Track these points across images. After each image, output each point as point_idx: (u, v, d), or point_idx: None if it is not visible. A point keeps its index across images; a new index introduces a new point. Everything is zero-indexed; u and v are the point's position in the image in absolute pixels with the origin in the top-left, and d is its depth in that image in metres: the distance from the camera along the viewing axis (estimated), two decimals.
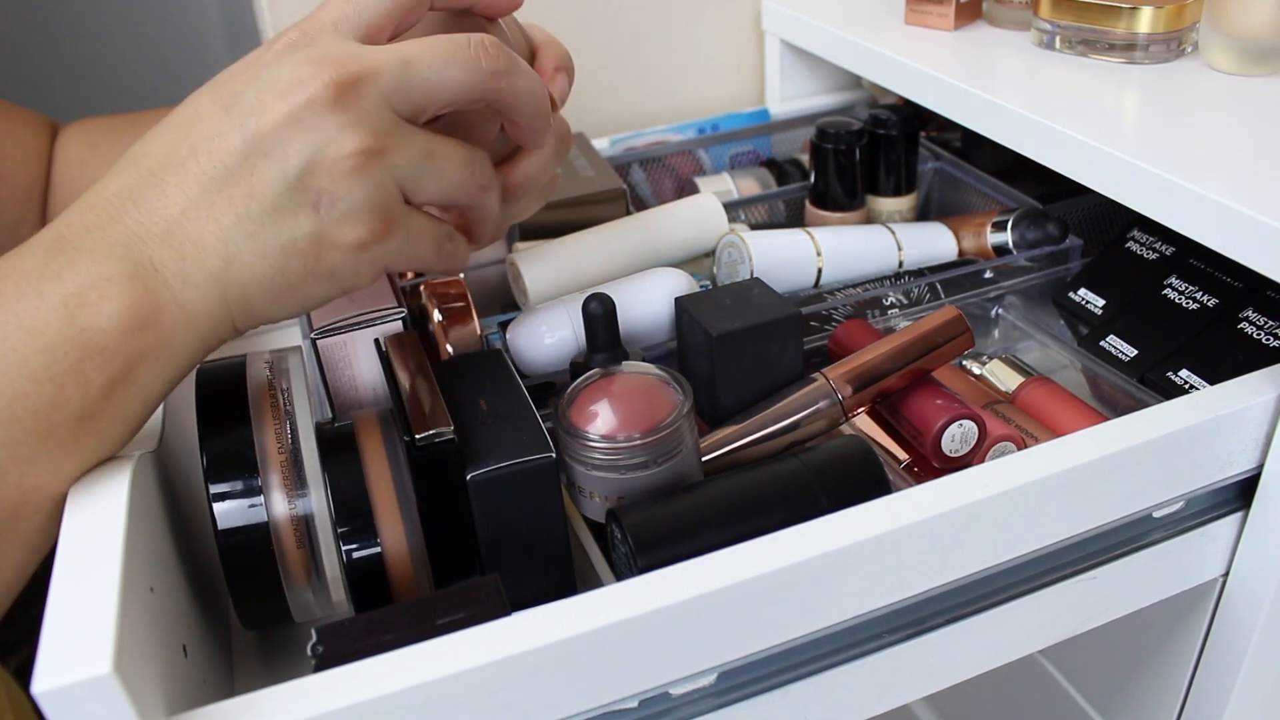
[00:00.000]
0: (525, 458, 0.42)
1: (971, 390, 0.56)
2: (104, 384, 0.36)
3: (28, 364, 0.35)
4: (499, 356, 0.49)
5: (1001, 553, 0.43)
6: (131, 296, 0.36)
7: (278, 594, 0.44)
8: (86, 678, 0.30)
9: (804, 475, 0.44)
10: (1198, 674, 0.55)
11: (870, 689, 0.43)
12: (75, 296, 0.36)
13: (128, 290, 0.36)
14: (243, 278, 0.38)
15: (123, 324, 0.36)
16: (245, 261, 0.38)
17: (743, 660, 0.40)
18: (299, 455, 0.43)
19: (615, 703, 0.38)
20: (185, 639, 0.40)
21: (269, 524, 0.42)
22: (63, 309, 0.36)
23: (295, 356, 0.48)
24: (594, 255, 0.60)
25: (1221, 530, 0.49)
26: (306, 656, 0.35)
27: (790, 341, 0.52)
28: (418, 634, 0.35)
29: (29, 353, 0.35)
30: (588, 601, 0.37)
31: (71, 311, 0.36)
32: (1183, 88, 0.59)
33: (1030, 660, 0.71)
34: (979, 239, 0.67)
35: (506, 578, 0.39)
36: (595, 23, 0.85)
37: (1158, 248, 0.63)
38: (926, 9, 0.72)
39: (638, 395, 0.46)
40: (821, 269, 0.64)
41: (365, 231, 0.38)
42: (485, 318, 0.60)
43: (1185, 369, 0.55)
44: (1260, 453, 0.47)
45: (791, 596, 0.39)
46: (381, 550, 0.41)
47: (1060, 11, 0.65)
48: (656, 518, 0.43)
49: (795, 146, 0.85)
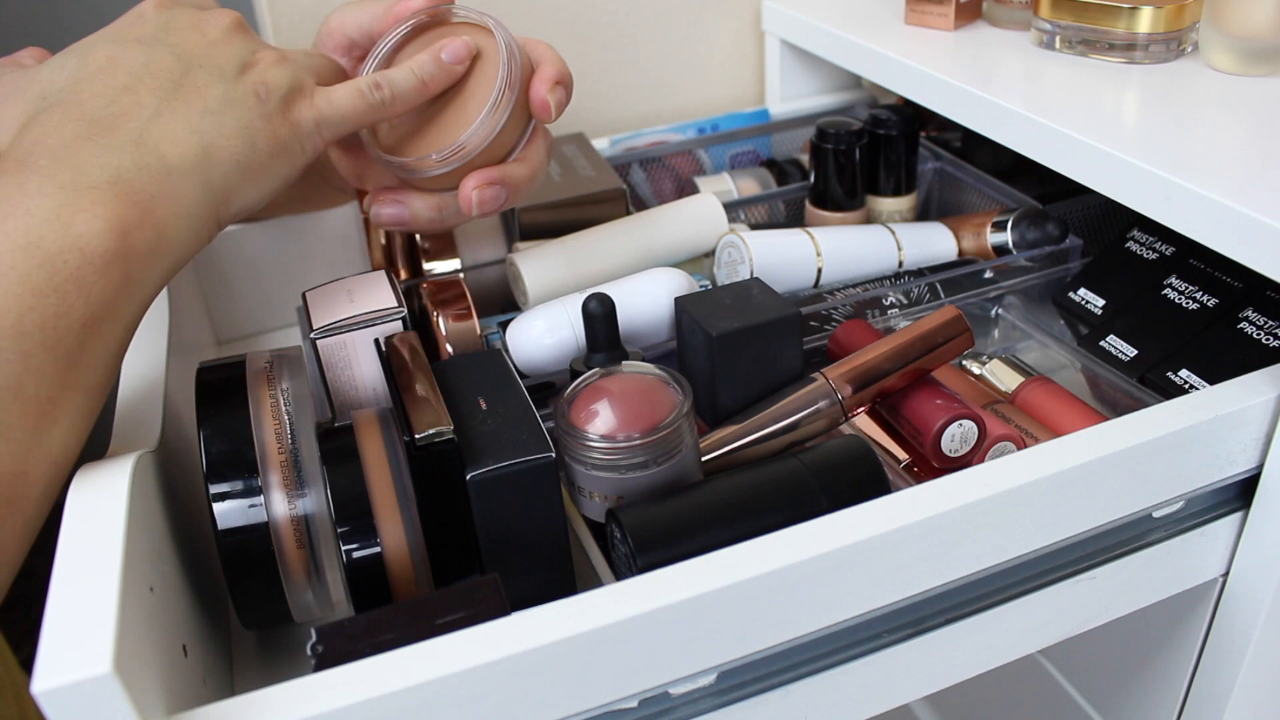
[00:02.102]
0: (525, 457, 0.42)
1: (971, 390, 0.56)
2: (105, 286, 0.38)
3: (29, 278, 0.36)
4: (499, 356, 0.49)
5: (1001, 553, 0.43)
6: (121, 199, 0.39)
7: (277, 594, 0.44)
8: (86, 677, 0.30)
9: (804, 475, 0.44)
10: (1198, 674, 0.55)
11: (870, 689, 0.43)
12: (66, 207, 0.37)
13: (116, 194, 0.39)
14: (221, 159, 0.42)
15: (120, 224, 0.38)
16: (220, 145, 0.42)
17: (742, 660, 0.40)
18: (299, 455, 0.43)
19: (615, 702, 0.38)
20: (185, 638, 0.40)
21: (269, 524, 0.42)
22: (55, 220, 0.37)
23: (295, 356, 0.48)
24: (594, 255, 0.60)
25: (1221, 530, 0.49)
26: (306, 656, 0.35)
27: (790, 341, 0.52)
28: (417, 633, 0.35)
29: (29, 267, 0.36)
30: (587, 601, 0.36)
31: (65, 222, 0.37)
32: (1183, 88, 0.59)
33: (1030, 660, 0.71)
34: (979, 239, 0.67)
35: (506, 577, 0.39)
36: (595, 23, 0.85)
37: (1158, 248, 0.63)
38: (926, 9, 0.72)
39: (637, 395, 0.46)
40: (821, 269, 0.64)
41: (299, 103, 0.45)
42: (485, 318, 0.60)
43: (1185, 369, 0.55)
44: (1260, 453, 0.47)
45: (791, 596, 0.39)
46: (381, 550, 0.41)
47: (1060, 11, 0.65)
48: (656, 517, 0.43)
49: (795, 146, 0.85)
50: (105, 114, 0.41)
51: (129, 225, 0.38)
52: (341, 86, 0.47)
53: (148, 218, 0.39)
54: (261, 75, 0.45)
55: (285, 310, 0.72)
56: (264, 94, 0.44)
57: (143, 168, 0.40)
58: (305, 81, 0.46)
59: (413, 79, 0.49)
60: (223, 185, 0.42)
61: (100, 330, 0.38)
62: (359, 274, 0.53)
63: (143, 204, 0.39)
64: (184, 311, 0.61)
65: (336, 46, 0.54)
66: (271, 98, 0.44)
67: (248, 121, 0.43)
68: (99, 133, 0.40)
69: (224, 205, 0.43)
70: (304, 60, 0.48)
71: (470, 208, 0.51)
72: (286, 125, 0.45)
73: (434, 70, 0.49)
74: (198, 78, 0.43)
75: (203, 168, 0.42)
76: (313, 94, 0.46)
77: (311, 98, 0.46)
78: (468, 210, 0.51)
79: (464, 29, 0.51)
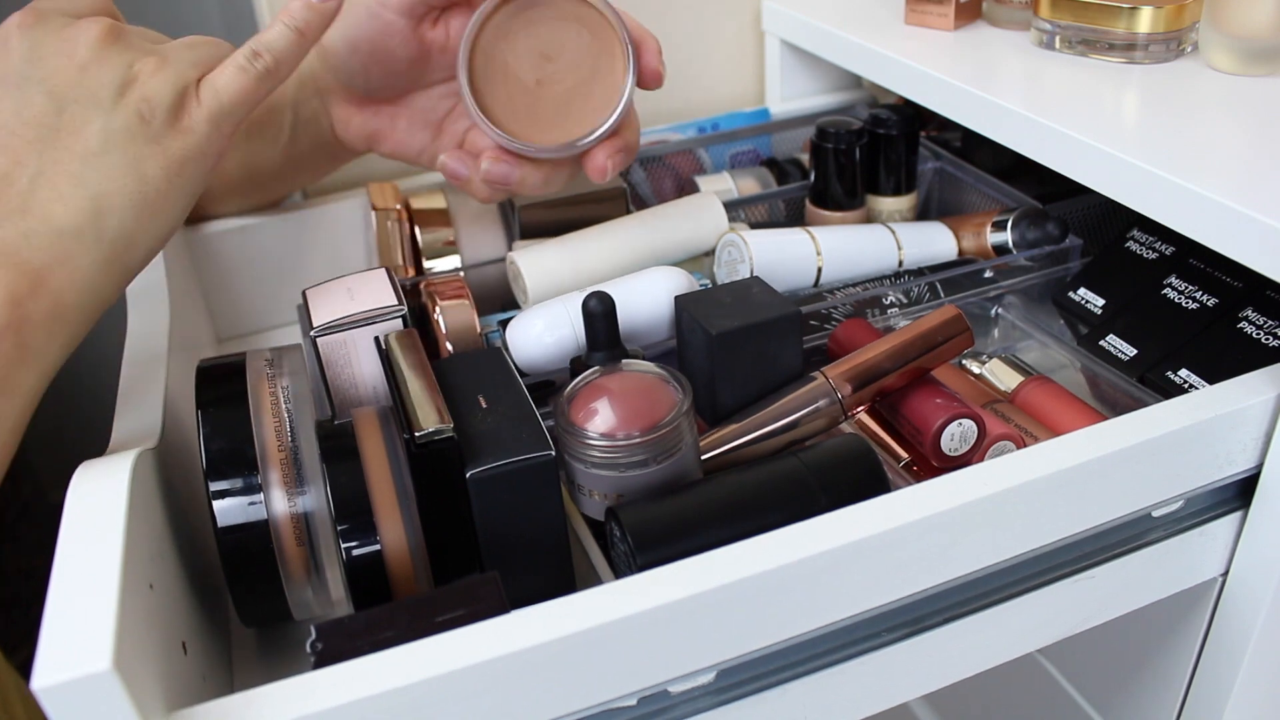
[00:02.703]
0: (525, 455, 0.42)
1: (971, 389, 0.56)
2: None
3: None
4: (499, 355, 0.49)
5: (1000, 552, 0.43)
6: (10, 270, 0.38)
7: (277, 591, 0.44)
8: (86, 674, 0.30)
9: (803, 474, 0.44)
10: (1197, 674, 0.55)
11: (869, 687, 0.43)
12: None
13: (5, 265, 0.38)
14: (115, 205, 0.41)
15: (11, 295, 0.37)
16: (110, 191, 0.41)
17: (741, 658, 0.40)
18: (299, 453, 0.43)
19: (614, 700, 0.38)
20: (185, 636, 0.40)
21: (269, 521, 0.42)
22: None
23: (295, 354, 0.48)
24: (594, 254, 0.60)
25: (1221, 530, 0.49)
26: (306, 654, 0.35)
27: (790, 340, 0.52)
28: (417, 631, 0.35)
29: None
30: (587, 599, 0.37)
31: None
32: (1183, 88, 0.59)
33: (1030, 660, 0.71)
34: (979, 238, 0.67)
35: (506, 575, 0.39)
36: None
37: (1157, 247, 0.63)
38: (926, 9, 0.72)
39: (637, 393, 0.46)
40: (821, 268, 0.64)
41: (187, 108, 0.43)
42: (485, 316, 0.60)
43: (1185, 369, 0.55)
44: (1259, 452, 0.47)
45: (790, 595, 0.39)
46: (381, 548, 0.41)
47: (1060, 11, 0.65)
48: (656, 516, 0.43)
49: (795, 146, 0.85)
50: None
51: (20, 296, 0.38)
52: (222, 70, 0.45)
53: (40, 287, 0.38)
54: (142, 92, 0.42)
55: (285, 308, 0.72)
56: (147, 113, 0.42)
57: (29, 235, 0.39)
58: (189, 81, 0.44)
59: (288, 34, 0.46)
60: (120, 233, 0.41)
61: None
62: (359, 271, 0.53)
63: (32, 273, 0.38)
64: (184, 310, 0.61)
65: (397, 4, 0.52)
66: (156, 115, 0.42)
67: (135, 153, 0.41)
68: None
69: (127, 252, 0.42)
70: (185, 55, 0.45)
71: (605, 175, 0.53)
72: (178, 137, 0.43)
73: (307, 15, 0.46)
74: (74, 116, 0.41)
75: (94, 223, 0.40)
76: (198, 92, 0.44)
77: (198, 97, 0.44)
78: (601, 178, 0.53)
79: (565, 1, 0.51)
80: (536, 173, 0.54)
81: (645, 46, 0.53)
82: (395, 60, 0.54)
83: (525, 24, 0.51)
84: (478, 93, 0.52)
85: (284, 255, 0.71)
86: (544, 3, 0.51)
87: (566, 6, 0.51)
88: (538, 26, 0.51)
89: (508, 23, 0.51)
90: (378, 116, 0.56)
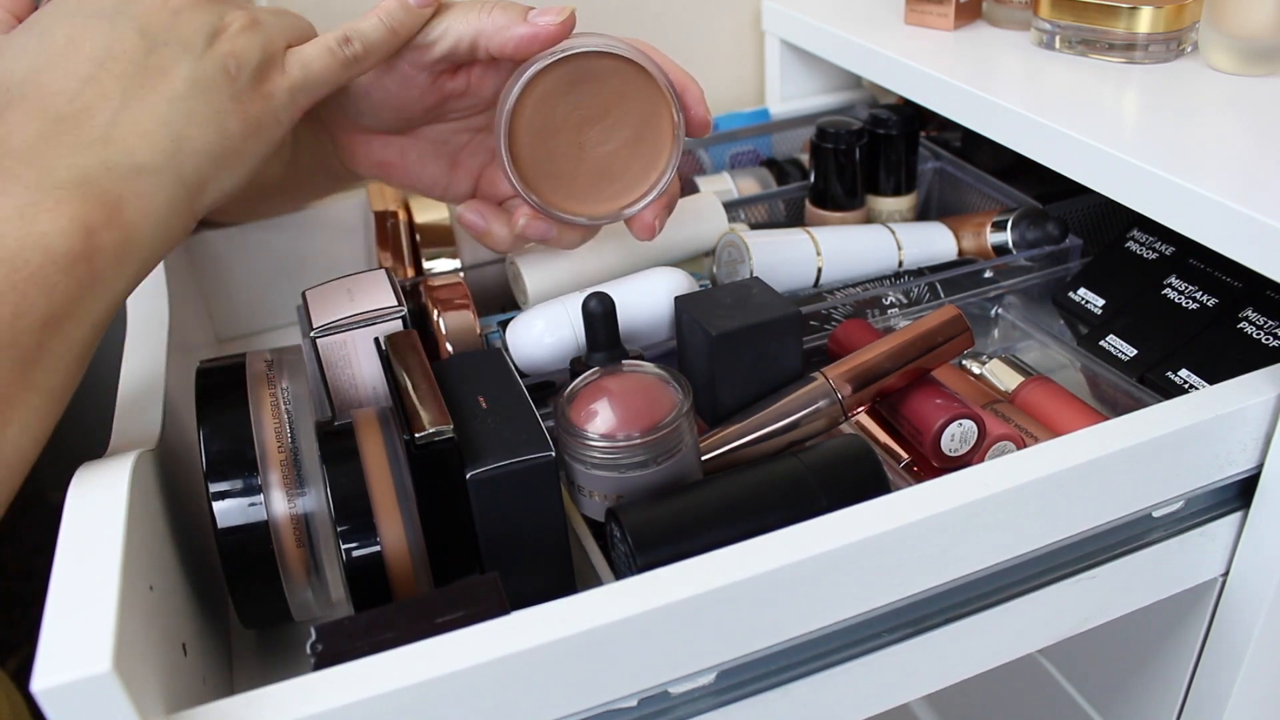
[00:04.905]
0: (525, 456, 0.42)
1: (971, 390, 0.56)
2: (69, 286, 0.37)
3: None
4: (499, 355, 0.49)
5: (1001, 552, 0.43)
6: (87, 199, 0.37)
7: (277, 592, 0.44)
8: (86, 676, 0.30)
9: (803, 474, 0.44)
10: (1197, 674, 0.55)
11: (870, 688, 0.43)
12: (30, 206, 0.36)
13: (83, 194, 0.37)
14: (194, 149, 0.41)
15: (85, 224, 0.37)
16: (192, 135, 0.41)
17: (742, 659, 0.40)
18: (299, 454, 0.43)
19: (614, 701, 0.38)
20: (185, 637, 0.40)
21: (269, 523, 0.42)
22: (18, 218, 0.36)
23: (295, 355, 0.48)
24: (594, 254, 0.60)
25: (1221, 530, 0.49)
26: (306, 655, 0.35)
27: (790, 341, 0.52)
28: (417, 632, 0.35)
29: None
30: (587, 600, 0.36)
31: (28, 220, 0.36)
32: (1183, 88, 0.59)
33: (1030, 660, 0.71)
34: (979, 239, 0.67)
35: (506, 576, 0.39)
36: (595, 23, 0.84)
37: (1157, 247, 0.63)
38: (926, 9, 0.72)
39: (637, 394, 0.46)
40: (821, 268, 0.64)
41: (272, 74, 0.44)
42: (485, 317, 0.60)
43: (1185, 369, 0.55)
44: (1260, 452, 0.47)
45: (791, 595, 0.39)
46: (381, 549, 0.41)
47: (1060, 11, 0.65)
48: (656, 517, 0.43)
49: (795, 146, 0.85)
50: (69, 110, 0.39)
51: (95, 225, 0.37)
52: (311, 46, 0.45)
53: (115, 218, 0.38)
54: (231, 46, 0.42)
55: (285, 309, 0.72)
56: (234, 69, 0.42)
57: (111, 167, 0.39)
58: (276, 48, 0.44)
59: (382, 28, 0.47)
60: (195, 177, 0.41)
61: (62, 330, 0.37)
62: (359, 272, 0.53)
63: (110, 204, 0.38)
64: (184, 310, 0.61)
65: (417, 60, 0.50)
66: (243, 73, 0.43)
67: (218, 105, 0.42)
68: (64, 130, 0.39)
69: (198, 197, 0.42)
70: (274, 22, 0.45)
71: (653, 234, 0.53)
72: (259, 101, 0.43)
73: (402, 17, 0.47)
74: (163, 57, 0.41)
75: (174, 163, 0.40)
76: (285, 61, 0.44)
77: (284, 65, 0.44)
78: (649, 237, 0.53)
79: (608, 61, 0.49)
80: (574, 234, 0.54)
81: (689, 95, 0.52)
82: (411, 108, 0.52)
83: (566, 89, 0.49)
84: (518, 161, 0.50)
85: (284, 256, 0.71)
86: (584, 65, 0.49)
87: (607, 65, 0.49)
88: (578, 89, 0.49)
89: (547, 88, 0.49)
90: (387, 148, 0.54)
